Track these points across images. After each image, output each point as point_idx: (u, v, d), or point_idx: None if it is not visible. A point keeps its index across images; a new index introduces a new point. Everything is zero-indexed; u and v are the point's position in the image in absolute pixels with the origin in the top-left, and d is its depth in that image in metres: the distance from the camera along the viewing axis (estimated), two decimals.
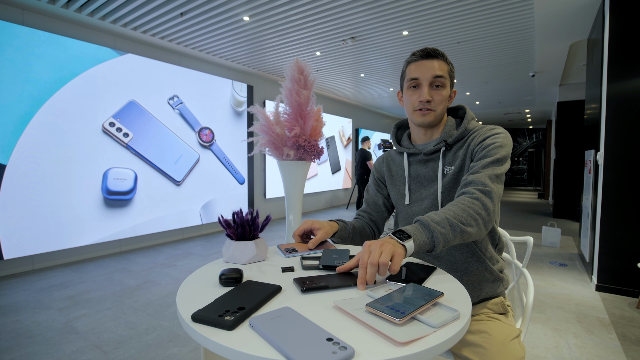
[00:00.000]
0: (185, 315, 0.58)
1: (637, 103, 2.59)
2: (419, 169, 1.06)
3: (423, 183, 1.04)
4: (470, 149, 0.96)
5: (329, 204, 8.07)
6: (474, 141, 0.97)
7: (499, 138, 0.93)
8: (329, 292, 0.69)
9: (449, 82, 1.00)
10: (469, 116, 1.03)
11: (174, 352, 1.85)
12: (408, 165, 1.08)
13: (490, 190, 0.84)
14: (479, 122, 1.04)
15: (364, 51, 4.53)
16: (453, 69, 1.02)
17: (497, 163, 0.89)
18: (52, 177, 3.30)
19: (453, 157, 1.00)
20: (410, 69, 1.02)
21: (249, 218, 0.92)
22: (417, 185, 1.06)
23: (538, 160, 14.12)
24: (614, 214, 2.69)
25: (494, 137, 0.94)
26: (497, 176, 0.88)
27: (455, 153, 1.00)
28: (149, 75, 4.09)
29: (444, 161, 1.01)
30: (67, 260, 3.53)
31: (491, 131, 0.96)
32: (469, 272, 0.97)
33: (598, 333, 2.06)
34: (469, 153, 0.97)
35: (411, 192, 1.07)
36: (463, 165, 0.97)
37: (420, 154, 1.05)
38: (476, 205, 0.82)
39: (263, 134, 1.25)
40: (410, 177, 1.07)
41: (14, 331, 2.07)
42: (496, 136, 0.94)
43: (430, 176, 1.03)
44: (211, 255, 3.84)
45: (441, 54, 0.99)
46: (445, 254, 0.99)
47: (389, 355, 0.47)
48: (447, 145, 1.01)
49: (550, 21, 3.41)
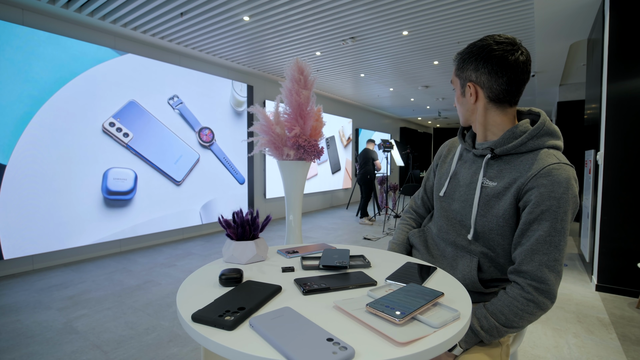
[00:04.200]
0: (185, 315, 0.58)
1: (637, 103, 2.59)
2: (462, 168, 1.00)
3: (460, 183, 0.98)
4: (520, 188, 0.83)
5: (329, 204, 8.06)
6: (527, 182, 0.82)
7: (554, 191, 0.79)
8: (330, 293, 0.69)
9: (458, 82, 0.94)
10: (537, 130, 0.86)
11: (174, 352, 1.85)
12: (457, 160, 1.03)
13: (549, 289, 0.77)
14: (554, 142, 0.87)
15: (364, 51, 4.53)
16: (464, 62, 0.91)
17: (556, 243, 0.78)
18: (52, 177, 3.29)
19: (498, 173, 0.89)
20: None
21: (249, 218, 0.92)
22: (455, 183, 1.01)
23: None
24: (614, 214, 2.69)
25: (547, 191, 0.79)
26: (557, 260, 0.78)
27: (502, 171, 0.88)
28: (149, 75, 4.08)
29: (486, 171, 0.91)
30: (67, 260, 3.53)
31: (546, 177, 0.80)
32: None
33: (598, 333, 2.06)
34: (515, 189, 0.83)
35: (448, 187, 1.02)
36: (504, 194, 0.86)
37: (470, 152, 0.99)
38: (530, 307, 0.78)
39: (263, 134, 1.25)
40: (453, 172, 1.02)
41: (14, 331, 2.06)
42: (551, 190, 0.79)
43: (467, 181, 0.96)
44: (211, 255, 3.84)
45: (455, 57, 0.95)
46: (450, 256, 0.98)
47: (389, 355, 0.47)
48: (493, 154, 0.90)
49: (550, 21, 3.41)
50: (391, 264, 0.88)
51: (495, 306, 0.81)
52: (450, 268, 0.97)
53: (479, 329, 0.79)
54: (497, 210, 0.86)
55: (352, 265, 0.85)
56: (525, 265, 0.79)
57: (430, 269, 0.83)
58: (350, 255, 0.92)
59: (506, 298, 0.81)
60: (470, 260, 0.93)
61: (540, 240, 0.79)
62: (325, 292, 0.69)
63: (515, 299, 0.79)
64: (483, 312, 0.81)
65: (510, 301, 0.79)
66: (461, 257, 0.96)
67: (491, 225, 0.88)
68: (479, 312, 0.81)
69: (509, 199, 0.84)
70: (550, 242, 0.78)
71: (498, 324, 0.79)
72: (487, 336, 0.79)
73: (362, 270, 0.82)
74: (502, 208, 0.85)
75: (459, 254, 0.96)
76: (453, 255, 0.97)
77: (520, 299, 0.78)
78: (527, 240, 0.81)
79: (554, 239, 0.78)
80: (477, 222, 0.90)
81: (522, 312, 0.78)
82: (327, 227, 5.51)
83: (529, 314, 0.78)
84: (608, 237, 2.71)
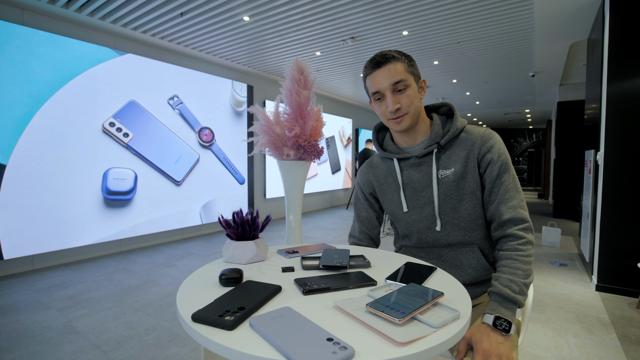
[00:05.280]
0: (185, 315, 0.58)
1: (637, 103, 2.59)
2: (412, 174, 1.00)
3: (418, 189, 0.99)
4: (476, 158, 0.94)
5: (329, 204, 8.06)
6: (479, 151, 0.94)
7: (501, 148, 0.94)
8: (330, 293, 0.69)
9: (412, 78, 0.94)
10: (457, 114, 0.99)
11: (174, 352, 1.85)
12: (400, 171, 1.02)
13: (530, 225, 0.89)
14: (464, 120, 1.01)
15: (364, 51, 4.53)
16: (412, 60, 0.95)
17: (516, 187, 0.91)
18: (52, 177, 3.29)
19: (448, 160, 0.96)
20: (368, 83, 0.96)
21: (249, 218, 0.92)
22: (412, 192, 1.00)
23: (538, 160, 14.12)
24: (614, 214, 2.69)
25: (497, 149, 0.93)
26: (523, 199, 0.92)
27: (450, 157, 0.96)
28: (149, 75, 4.09)
29: (438, 164, 0.97)
30: (67, 260, 3.53)
31: (490, 140, 0.94)
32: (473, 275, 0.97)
33: (598, 333, 2.06)
34: (473, 161, 0.94)
35: (407, 199, 1.01)
36: (465, 172, 0.94)
37: (411, 157, 0.99)
38: (529, 248, 0.86)
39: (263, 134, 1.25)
40: (404, 183, 1.01)
41: (14, 331, 2.07)
42: (498, 148, 0.94)
43: (424, 181, 0.98)
44: (211, 255, 3.84)
45: (392, 56, 0.92)
46: (450, 257, 0.99)
47: (389, 355, 0.47)
48: (439, 147, 0.96)
49: (550, 21, 3.41)
50: (391, 264, 0.88)
51: (508, 267, 0.84)
52: (454, 268, 0.97)
53: (514, 295, 0.79)
54: (470, 186, 0.94)
55: (352, 265, 0.85)
56: (506, 214, 0.89)
57: (430, 269, 0.83)
58: (350, 255, 0.92)
59: (509, 254, 0.86)
60: (471, 251, 0.96)
61: (507, 188, 0.91)
62: (325, 292, 0.69)
63: (516, 249, 0.86)
64: (505, 278, 0.81)
65: (515, 254, 0.85)
66: (460, 252, 0.97)
67: (472, 203, 0.95)
68: (502, 280, 0.81)
69: (473, 171, 0.94)
70: (515, 188, 0.91)
71: (522, 280, 0.81)
72: (523, 297, 0.80)
73: (362, 270, 0.82)
74: (473, 182, 0.94)
75: (457, 251, 0.97)
76: (452, 255, 0.98)
77: (520, 246, 0.86)
78: (496, 194, 0.92)
79: (515, 183, 0.92)
80: (459, 208, 0.95)
81: (527, 257, 0.84)
82: (327, 227, 5.51)
83: (531, 255, 0.85)
84: (608, 237, 2.71)
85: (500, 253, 0.90)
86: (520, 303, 0.79)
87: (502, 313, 0.77)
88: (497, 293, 0.80)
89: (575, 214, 6.16)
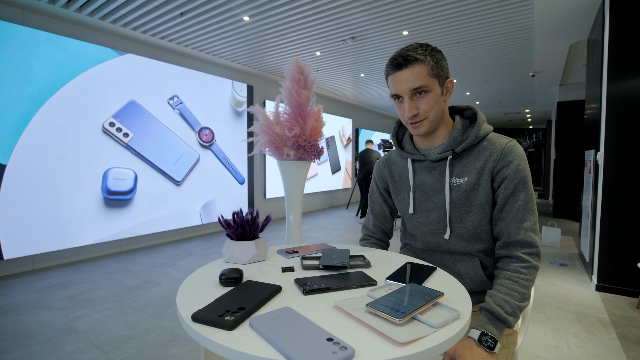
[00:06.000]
0: (185, 315, 0.58)
1: (637, 103, 2.59)
2: (425, 177, 0.98)
3: (428, 192, 0.97)
4: (491, 171, 0.89)
5: (329, 204, 8.06)
6: (495, 164, 0.88)
7: (520, 164, 0.87)
8: (330, 293, 0.69)
9: (436, 82, 0.88)
10: (480, 120, 0.93)
11: (174, 352, 1.85)
12: (413, 173, 1.00)
13: (538, 251, 0.85)
14: (490, 127, 0.94)
15: (364, 51, 4.53)
16: (439, 60, 0.89)
17: (531, 209, 0.86)
18: (52, 177, 3.29)
19: (463, 169, 0.92)
20: (389, 82, 0.92)
21: (249, 218, 0.92)
22: (422, 195, 0.99)
23: (538, 160, 14.12)
24: (614, 214, 2.69)
25: (515, 165, 0.87)
26: (536, 222, 0.87)
27: (466, 165, 0.92)
28: (149, 75, 4.08)
29: (452, 171, 0.93)
30: (67, 260, 3.53)
31: (510, 155, 0.88)
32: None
33: (598, 333, 2.06)
34: (487, 174, 0.89)
35: (416, 201, 1.00)
36: (478, 184, 0.90)
37: (425, 160, 0.97)
38: (532, 273, 0.83)
39: (263, 134, 1.25)
40: (416, 185, 1.00)
41: (14, 331, 2.06)
42: (517, 164, 0.87)
43: (436, 186, 0.96)
44: (211, 255, 3.84)
45: (414, 57, 0.86)
46: (451, 264, 0.98)
47: (389, 355, 0.47)
48: (454, 154, 0.92)
49: (550, 21, 3.41)
50: (391, 264, 0.88)
51: (505, 287, 0.81)
52: (453, 275, 0.96)
53: (506, 315, 0.77)
54: (480, 199, 0.91)
55: (352, 265, 0.85)
56: (514, 235, 0.85)
57: (430, 269, 0.83)
58: (350, 255, 0.92)
59: (509, 275, 0.83)
60: (471, 262, 0.94)
61: (520, 209, 0.86)
62: (325, 292, 0.69)
63: (517, 271, 0.83)
64: (500, 297, 0.79)
65: (515, 276, 0.82)
66: (460, 261, 0.96)
67: (479, 217, 0.91)
68: (496, 299, 0.79)
69: (485, 185, 0.90)
70: (529, 209, 0.86)
71: (517, 303, 0.79)
72: (514, 319, 0.78)
73: (362, 270, 0.82)
74: (483, 195, 0.90)
75: (457, 259, 0.96)
76: (452, 261, 0.97)
77: (522, 269, 0.82)
78: (508, 212, 0.87)
79: (530, 204, 0.87)
80: (465, 219, 0.93)
81: (528, 281, 0.81)
82: (327, 227, 5.51)
83: (532, 280, 0.82)
84: (608, 237, 2.71)
85: (500, 271, 0.86)
86: (510, 324, 0.77)
87: (489, 330, 0.75)
88: (489, 310, 0.78)
89: (575, 214, 6.16)
